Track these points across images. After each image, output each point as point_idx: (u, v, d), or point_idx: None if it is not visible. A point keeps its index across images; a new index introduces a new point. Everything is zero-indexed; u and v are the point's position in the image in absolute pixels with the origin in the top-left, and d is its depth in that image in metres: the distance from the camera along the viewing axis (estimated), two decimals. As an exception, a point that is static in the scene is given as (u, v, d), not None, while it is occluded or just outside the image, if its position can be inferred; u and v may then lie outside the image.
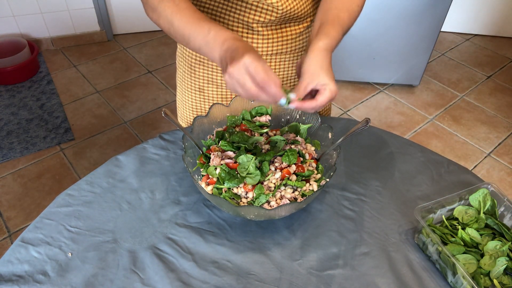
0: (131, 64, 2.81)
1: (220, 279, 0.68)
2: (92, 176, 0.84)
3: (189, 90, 1.02)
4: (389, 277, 0.69)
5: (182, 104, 1.07)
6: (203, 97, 1.00)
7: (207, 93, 0.99)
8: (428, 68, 2.81)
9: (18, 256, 0.70)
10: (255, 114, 0.88)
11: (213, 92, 0.98)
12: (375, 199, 0.82)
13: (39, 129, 2.25)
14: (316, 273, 0.69)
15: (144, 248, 0.72)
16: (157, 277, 0.68)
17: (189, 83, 1.00)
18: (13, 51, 2.53)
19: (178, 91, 1.08)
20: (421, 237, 0.73)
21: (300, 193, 0.75)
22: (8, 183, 1.95)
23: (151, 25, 3.13)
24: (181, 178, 0.85)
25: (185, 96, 1.04)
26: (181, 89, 1.05)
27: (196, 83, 0.98)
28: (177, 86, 1.08)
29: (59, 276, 0.67)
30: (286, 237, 0.75)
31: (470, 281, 0.63)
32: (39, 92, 2.51)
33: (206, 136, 0.86)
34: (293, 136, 0.84)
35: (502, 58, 2.96)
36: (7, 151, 2.11)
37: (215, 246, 0.73)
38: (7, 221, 1.79)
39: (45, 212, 0.77)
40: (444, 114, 2.48)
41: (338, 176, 0.86)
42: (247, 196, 0.73)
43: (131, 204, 0.79)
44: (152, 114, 2.40)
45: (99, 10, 2.85)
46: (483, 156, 2.21)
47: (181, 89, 1.05)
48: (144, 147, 0.91)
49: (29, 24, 2.73)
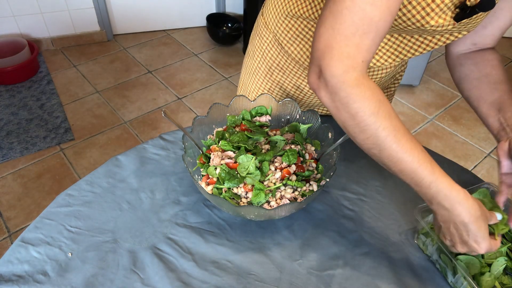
0: (131, 64, 2.81)
1: (220, 279, 0.68)
2: (92, 176, 0.84)
3: (258, 86, 1.00)
4: (389, 277, 0.69)
5: (245, 92, 1.05)
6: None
7: (277, 94, 0.98)
8: (428, 68, 2.81)
9: (18, 256, 0.70)
10: (255, 114, 0.88)
11: (283, 95, 0.98)
12: (375, 199, 0.82)
13: (39, 129, 2.25)
14: (316, 273, 0.69)
15: (144, 248, 0.72)
16: (157, 277, 0.68)
17: (261, 80, 0.98)
18: (13, 51, 2.53)
19: (244, 77, 1.04)
20: (421, 237, 0.73)
21: (300, 193, 0.75)
22: (8, 183, 1.95)
23: (151, 25, 3.14)
24: (181, 178, 0.85)
25: (253, 89, 1.01)
26: (250, 79, 1.02)
27: (268, 84, 0.97)
28: (245, 73, 1.03)
29: (59, 276, 0.67)
30: (286, 237, 0.75)
31: (470, 282, 0.63)
32: (39, 92, 2.51)
33: (206, 136, 0.86)
34: (292, 136, 0.84)
35: (502, 58, 2.97)
36: (7, 151, 2.11)
37: (215, 246, 0.73)
38: (7, 221, 1.79)
39: (45, 212, 0.77)
40: (444, 114, 2.48)
41: (338, 176, 0.86)
42: (247, 196, 0.73)
43: (131, 204, 0.79)
44: (152, 114, 2.40)
45: (99, 10, 2.85)
46: (483, 156, 2.21)
47: (250, 79, 1.01)
48: (144, 147, 0.91)
49: (29, 24, 2.73)
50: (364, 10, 0.53)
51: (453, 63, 0.83)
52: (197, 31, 3.22)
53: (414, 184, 0.60)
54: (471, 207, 0.58)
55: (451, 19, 0.63)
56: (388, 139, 0.56)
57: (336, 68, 0.55)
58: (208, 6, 3.18)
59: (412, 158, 0.57)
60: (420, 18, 0.62)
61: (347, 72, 0.55)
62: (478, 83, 0.77)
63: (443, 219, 0.62)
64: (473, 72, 0.78)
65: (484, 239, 0.60)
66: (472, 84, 0.78)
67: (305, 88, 0.92)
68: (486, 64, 0.77)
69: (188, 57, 2.91)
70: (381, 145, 0.57)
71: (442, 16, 0.62)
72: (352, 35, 0.54)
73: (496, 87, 0.74)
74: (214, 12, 3.19)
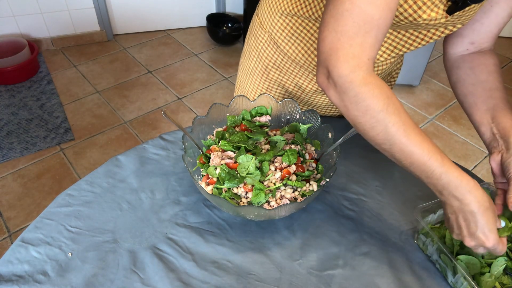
0: (131, 64, 2.81)
1: (220, 279, 0.68)
2: (92, 176, 0.84)
3: (256, 86, 1.00)
4: (389, 277, 0.69)
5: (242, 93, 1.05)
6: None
7: (275, 93, 0.98)
8: (428, 68, 2.81)
9: (18, 256, 0.70)
10: (255, 114, 0.88)
11: (281, 93, 0.98)
12: (375, 199, 0.82)
13: (39, 129, 2.25)
14: (316, 273, 0.69)
15: (144, 248, 0.72)
16: (157, 277, 0.68)
17: (258, 80, 0.98)
18: (13, 51, 2.53)
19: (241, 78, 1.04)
20: (421, 237, 0.73)
21: (300, 193, 0.75)
22: (8, 183, 1.95)
23: (151, 25, 3.14)
24: (181, 178, 0.85)
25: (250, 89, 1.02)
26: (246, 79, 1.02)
27: (266, 83, 0.97)
28: (242, 74, 1.03)
29: (59, 276, 0.67)
30: (286, 237, 0.75)
31: (470, 282, 0.63)
32: (39, 92, 2.51)
33: (206, 136, 0.86)
34: (292, 136, 0.84)
35: (502, 58, 2.96)
36: (7, 151, 2.11)
37: (215, 246, 0.73)
38: (7, 221, 1.79)
39: (45, 212, 0.77)
40: (444, 114, 2.48)
41: (338, 176, 0.86)
42: (247, 196, 0.73)
43: (131, 204, 0.79)
44: (152, 114, 2.40)
45: (99, 10, 2.85)
46: (483, 156, 2.21)
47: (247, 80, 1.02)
48: (144, 147, 0.91)
49: (29, 24, 2.73)
50: (364, 10, 0.54)
51: (450, 64, 0.82)
52: (197, 31, 3.22)
53: (425, 176, 0.60)
54: (480, 197, 0.59)
55: (444, 12, 0.63)
56: (398, 134, 0.57)
57: (342, 69, 0.56)
58: (208, 6, 3.18)
59: (422, 150, 0.58)
60: (412, 12, 0.62)
61: (354, 71, 0.56)
62: (473, 89, 0.76)
63: (452, 210, 0.61)
64: (469, 77, 0.78)
65: (492, 231, 0.59)
66: (468, 90, 0.77)
67: (303, 85, 0.92)
68: (483, 69, 0.76)
69: (188, 57, 2.91)
70: (391, 140, 0.58)
71: (434, 10, 0.62)
72: (355, 35, 0.55)
73: (491, 95, 0.74)
74: (214, 12, 3.19)
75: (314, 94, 0.94)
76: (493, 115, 0.72)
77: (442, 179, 0.59)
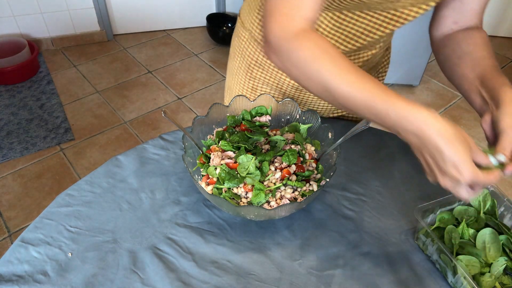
0: (131, 64, 2.81)
1: (220, 279, 0.68)
2: (92, 176, 0.84)
3: (241, 85, 1.01)
4: (389, 277, 0.69)
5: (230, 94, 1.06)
6: (255, 95, 1.00)
7: (260, 91, 0.99)
8: (428, 68, 2.81)
9: (18, 256, 0.70)
10: (255, 114, 0.88)
11: (266, 91, 0.98)
12: (375, 199, 0.82)
13: (39, 129, 2.25)
14: (316, 273, 0.69)
15: (144, 248, 0.72)
16: (157, 277, 0.68)
17: (243, 79, 0.99)
18: (13, 51, 2.53)
19: (228, 80, 1.05)
20: (421, 237, 0.73)
21: (300, 193, 0.75)
22: (8, 183, 1.96)
23: (151, 25, 3.14)
24: (181, 178, 0.85)
25: (236, 90, 1.03)
26: (232, 80, 1.03)
27: (251, 83, 0.98)
28: (228, 76, 1.04)
29: (59, 276, 0.67)
30: (286, 237, 0.75)
31: (470, 282, 0.63)
32: (39, 92, 2.51)
33: (206, 136, 0.86)
34: (292, 136, 0.84)
35: (502, 58, 2.96)
36: (7, 151, 2.11)
37: (215, 246, 0.73)
38: (7, 221, 1.79)
39: (45, 212, 0.77)
40: (444, 114, 2.48)
41: (338, 176, 0.86)
42: (247, 196, 0.73)
43: (131, 204, 0.79)
44: (152, 114, 2.40)
45: (99, 10, 2.85)
46: (483, 156, 2.21)
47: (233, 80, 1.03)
48: (144, 147, 0.91)
49: (29, 24, 2.73)
50: None
51: (436, 46, 0.80)
52: (197, 31, 3.22)
53: (377, 118, 0.56)
54: (440, 125, 0.52)
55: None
56: (335, 80, 0.56)
57: (275, 29, 0.58)
58: (208, 6, 3.19)
59: (362, 91, 0.55)
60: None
61: (285, 28, 0.57)
62: (459, 61, 0.73)
63: (415, 147, 0.55)
64: (455, 52, 0.74)
65: (463, 163, 0.52)
66: (454, 63, 0.74)
67: (286, 81, 0.92)
68: (469, 42, 0.73)
69: (188, 57, 2.91)
70: (329, 87, 0.57)
71: None
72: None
73: (478, 63, 0.70)
74: (214, 12, 3.19)
75: (297, 91, 0.94)
76: (481, 80, 0.68)
77: (390, 115, 0.53)
